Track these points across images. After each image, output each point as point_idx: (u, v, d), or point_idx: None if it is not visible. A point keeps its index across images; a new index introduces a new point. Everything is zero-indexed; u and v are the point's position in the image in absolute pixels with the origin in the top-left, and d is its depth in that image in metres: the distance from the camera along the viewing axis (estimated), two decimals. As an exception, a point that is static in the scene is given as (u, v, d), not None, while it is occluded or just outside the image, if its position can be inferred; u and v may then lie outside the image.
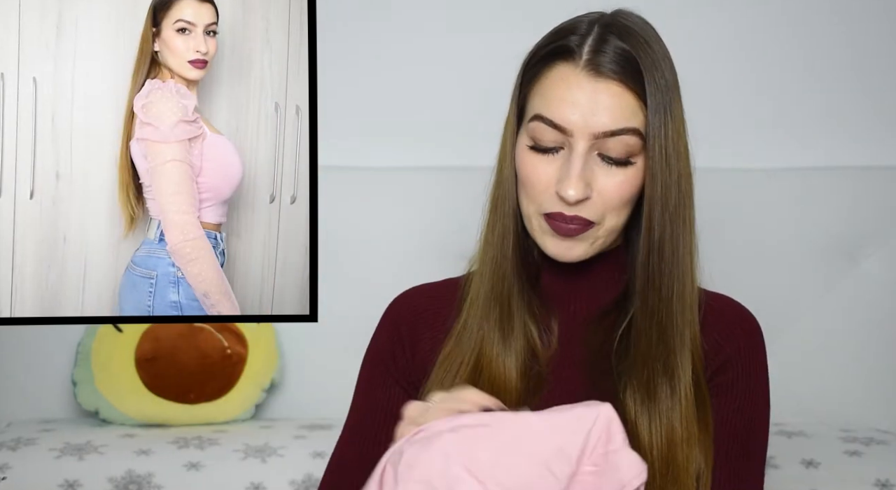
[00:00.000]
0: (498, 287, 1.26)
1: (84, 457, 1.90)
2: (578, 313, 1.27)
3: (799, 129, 2.32)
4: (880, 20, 2.32)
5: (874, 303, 2.19)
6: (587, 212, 1.20)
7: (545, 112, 1.20)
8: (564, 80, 1.19)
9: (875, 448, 1.97)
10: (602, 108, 1.18)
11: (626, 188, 1.20)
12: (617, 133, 1.18)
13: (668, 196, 1.20)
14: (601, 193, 1.20)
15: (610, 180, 1.20)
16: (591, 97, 1.18)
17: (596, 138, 1.18)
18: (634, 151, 1.19)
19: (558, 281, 1.28)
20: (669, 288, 1.21)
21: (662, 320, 1.21)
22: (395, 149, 2.27)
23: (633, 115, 1.18)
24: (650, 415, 1.20)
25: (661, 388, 1.21)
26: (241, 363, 2.12)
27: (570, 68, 1.19)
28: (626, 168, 1.20)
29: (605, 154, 1.19)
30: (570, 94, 1.18)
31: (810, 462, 1.91)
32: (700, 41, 2.31)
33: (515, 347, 1.25)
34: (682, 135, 1.22)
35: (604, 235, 1.23)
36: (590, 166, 1.19)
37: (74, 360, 2.14)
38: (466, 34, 2.28)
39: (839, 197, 2.22)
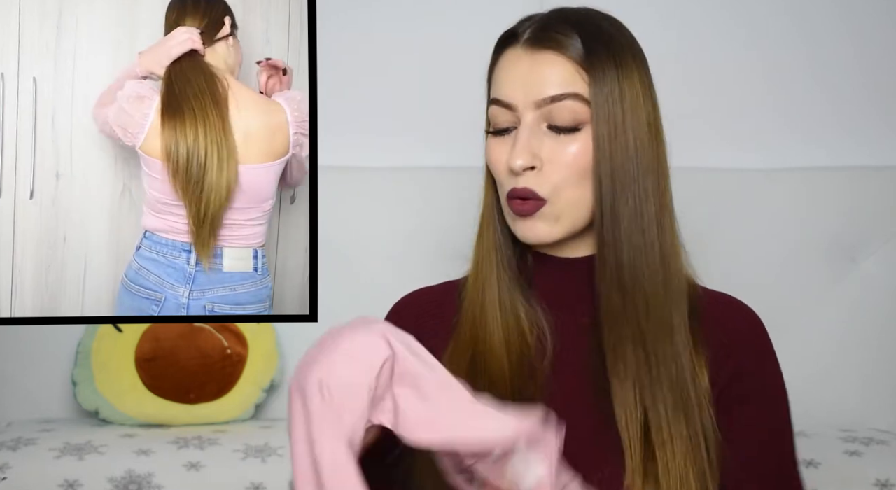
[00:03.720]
0: (489, 283, 1.26)
1: (84, 457, 1.90)
2: (577, 317, 1.26)
3: (799, 129, 2.32)
4: (882, 20, 2.32)
5: (874, 303, 2.19)
6: (537, 185, 1.20)
7: (494, 94, 1.23)
8: (508, 61, 1.23)
9: (875, 448, 1.97)
10: (541, 77, 1.20)
11: (577, 157, 1.20)
12: (558, 98, 1.19)
13: (617, 165, 1.19)
14: (552, 163, 1.20)
15: (559, 150, 1.20)
16: (529, 69, 1.21)
17: (539, 107, 1.20)
18: (582, 118, 1.20)
19: (550, 282, 1.27)
20: (630, 256, 1.20)
21: (625, 285, 1.20)
22: (394, 149, 2.27)
23: (573, 81, 1.20)
24: (620, 381, 1.19)
25: (629, 352, 1.19)
26: (241, 363, 2.12)
27: (513, 50, 1.23)
28: (576, 136, 1.20)
29: (552, 124, 1.20)
30: (512, 71, 1.22)
31: (810, 462, 1.91)
32: (701, 41, 2.31)
33: (510, 342, 1.24)
34: (642, 110, 1.21)
35: (566, 214, 1.22)
36: (538, 137, 1.20)
37: (74, 360, 2.14)
38: (467, 34, 2.27)
39: (839, 197, 2.22)
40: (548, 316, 1.26)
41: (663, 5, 2.29)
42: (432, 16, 2.30)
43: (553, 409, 1.20)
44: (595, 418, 1.21)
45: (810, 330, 2.17)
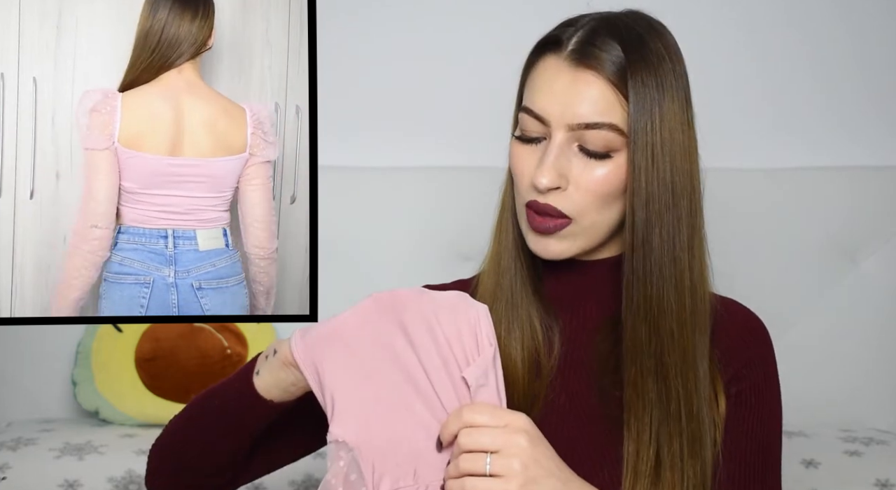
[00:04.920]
0: (503, 281, 1.25)
1: (84, 457, 1.90)
2: (588, 320, 1.26)
3: (799, 129, 2.32)
4: (882, 20, 2.32)
5: (874, 303, 2.19)
6: (561, 203, 1.18)
7: (528, 102, 1.20)
8: (547, 70, 1.19)
9: (875, 448, 1.97)
10: (579, 98, 1.17)
11: (605, 183, 1.17)
12: (593, 126, 1.16)
13: (653, 192, 1.17)
14: (577, 186, 1.18)
15: (587, 173, 1.17)
16: (569, 86, 1.17)
17: (572, 129, 1.17)
18: (614, 146, 1.17)
19: (560, 285, 1.27)
20: (660, 287, 1.17)
21: (652, 318, 1.17)
22: (394, 149, 2.27)
23: (610, 109, 1.16)
24: (637, 417, 1.17)
25: (650, 387, 1.17)
26: (241, 363, 2.12)
27: (555, 58, 1.19)
28: (606, 162, 1.17)
29: (584, 146, 1.18)
30: (550, 84, 1.18)
31: (810, 462, 1.91)
32: (700, 41, 2.30)
33: (521, 340, 1.24)
34: (679, 133, 1.19)
35: (584, 234, 1.20)
36: (567, 157, 1.18)
37: (74, 360, 2.14)
38: (467, 34, 2.28)
39: (839, 197, 2.22)
40: (558, 316, 1.25)
41: (663, 5, 2.29)
42: (432, 16, 2.30)
43: (557, 407, 1.20)
44: (599, 421, 1.20)
45: (810, 330, 2.17)
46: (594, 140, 1.17)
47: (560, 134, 1.17)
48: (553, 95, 1.17)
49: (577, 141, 1.18)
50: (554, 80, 1.18)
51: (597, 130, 1.16)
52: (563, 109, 1.17)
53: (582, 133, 1.17)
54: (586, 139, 1.17)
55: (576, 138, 1.17)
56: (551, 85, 1.18)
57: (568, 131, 1.17)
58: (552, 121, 1.17)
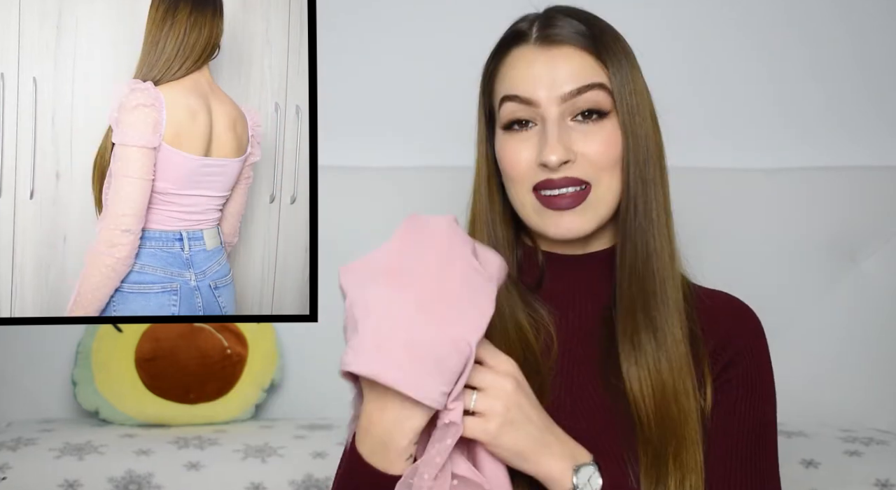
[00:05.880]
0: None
1: (84, 457, 1.90)
2: (585, 311, 1.27)
3: (799, 129, 2.32)
4: (882, 20, 2.32)
5: (874, 303, 2.19)
6: (577, 172, 1.22)
7: (511, 91, 1.24)
8: (521, 59, 1.24)
9: (875, 448, 1.97)
10: (562, 72, 1.22)
11: (608, 145, 1.22)
12: (584, 90, 1.22)
13: (640, 154, 1.23)
14: (585, 155, 1.22)
15: (590, 140, 1.22)
16: (548, 66, 1.22)
17: (564, 101, 1.22)
18: (605, 106, 1.22)
19: (561, 280, 1.28)
20: (644, 244, 1.23)
21: (640, 272, 1.23)
22: (394, 149, 2.27)
23: (594, 72, 1.22)
24: (638, 365, 1.21)
25: (646, 340, 1.21)
26: (241, 363, 2.12)
27: (524, 48, 1.25)
28: (602, 125, 1.22)
29: (577, 114, 1.22)
30: (530, 70, 1.23)
31: (810, 462, 1.91)
32: (701, 41, 2.31)
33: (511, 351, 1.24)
34: (645, 99, 1.25)
35: (600, 203, 1.24)
36: (566, 132, 1.22)
37: (74, 360, 2.14)
38: (467, 34, 2.27)
39: (839, 197, 2.22)
40: (554, 316, 1.26)
41: (664, 6, 2.29)
42: (432, 17, 2.30)
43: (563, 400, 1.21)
44: (604, 412, 1.21)
45: (810, 330, 2.17)
46: (587, 101, 1.22)
47: (553, 109, 1.22)
48: (536, 77, 1.22)
49: (570, 114, 1.22)
50: (531, 65, 1.23)
51: (588, 93, 1.21)
52: (551, 85, 1.22)
53: (574, 102, 1.22)
54: (579, 104, 1.22)
55: (569, 111, 1.22)
56: (530, 69, 1.23)
57: (560, 104, 1.22)
58: (541, 100, 1.22)
